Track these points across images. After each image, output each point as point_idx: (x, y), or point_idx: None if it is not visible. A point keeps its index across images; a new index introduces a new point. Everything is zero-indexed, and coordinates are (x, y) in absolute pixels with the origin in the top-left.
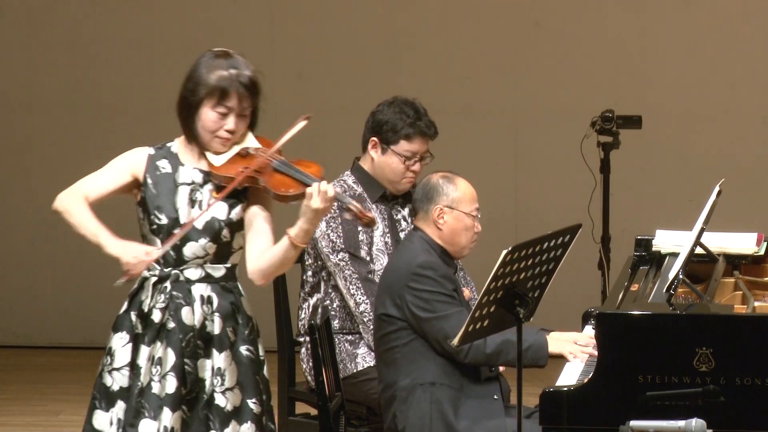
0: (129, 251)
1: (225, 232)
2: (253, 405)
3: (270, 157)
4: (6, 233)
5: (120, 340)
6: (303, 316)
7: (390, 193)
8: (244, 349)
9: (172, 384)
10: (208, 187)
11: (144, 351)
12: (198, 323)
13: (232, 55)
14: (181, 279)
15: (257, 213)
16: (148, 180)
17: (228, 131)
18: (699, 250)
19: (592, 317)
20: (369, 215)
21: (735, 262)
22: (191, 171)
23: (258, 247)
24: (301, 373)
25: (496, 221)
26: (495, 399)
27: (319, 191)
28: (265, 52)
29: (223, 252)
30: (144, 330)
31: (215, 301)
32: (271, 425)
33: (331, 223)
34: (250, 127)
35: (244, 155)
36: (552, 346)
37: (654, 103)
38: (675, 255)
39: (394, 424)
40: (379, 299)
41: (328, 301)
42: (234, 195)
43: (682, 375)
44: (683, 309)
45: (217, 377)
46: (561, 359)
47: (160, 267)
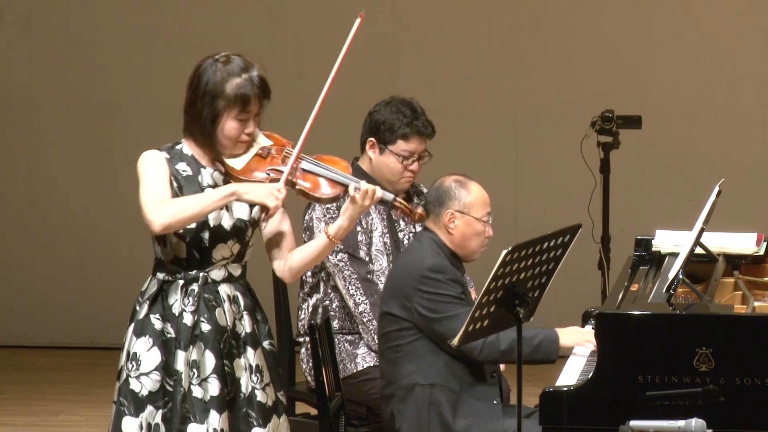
0: (266, 192)
1: (249, 231)
2: (282, 397)
3: (297, 158)
4: (6, 233)
5: (145, 344)
6: (303, 316)
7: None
8: (267, 344)
9: (215, 386)
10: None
11: (181, 356)
12: (230, 323)
13: (235, 59)
14: (209, 281)
15: (279, 213)
16: (173, 183)
17: (248, 134)
18: (699, 250)
19: (592, 317)
20: (419, 212)
21: (735, 262)
22: (212, 174)
23: (284, 246)
24: (301, 373)
25: (496, 221)
26: (494, 403)
27: (367, 192)
28: (265, 52)
29: (243, 251)
30: (176, 334)
31: (241, 301)
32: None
33: (331, 223)
34: None
35: (264, 156)
36: (564, 338)
37: (654, 103)
38: (675, 255)
39: (392, 422)
40: (385, 298)
41: (327, 302)
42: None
43: (682, 375)
44: (683, 309)
45: (256, 374)
46: (561, 358)
47: (184, 269)
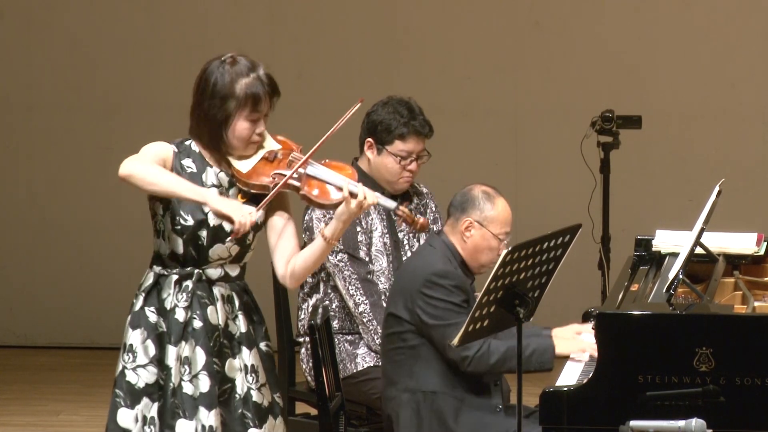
0: (237, 210)
1: (250, 235)
2: (279, 399)
3: (303, 164)
4: (6, 233)
5: (140, 336)
6: (303, 316)
7: (389, 194)
8: (263, 346)
9: (205, 383)
10: (233, 191)
11: (171, 351)
12: (222, 322)
13: (241, 59)
14: (204, 278)
15: (280, 214)
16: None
17: (259, 134)
18: (699, 250)
19: (592, 317)
20: (421, 221)
21: (735, 262)
22: (218, 173)
23: (286, 251)
24: (301, 373)
25: None
26: (498, 411)
27: (363, 197)
28: (265, 52)
29: (242, 253)
30: (168, 329)
31: (236, 301)
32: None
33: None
34: None
35: (271, 159)
36: (559, 347)
37: (654, 103)
38: (675, 255)
39: (390, 424)
40: (392, 298)
41: (327, 302)
42: (258, 198)
43: (682, 375)
44: (683, 309)
45: (252, 374)
46: (561, 359)
47: (180, 265)
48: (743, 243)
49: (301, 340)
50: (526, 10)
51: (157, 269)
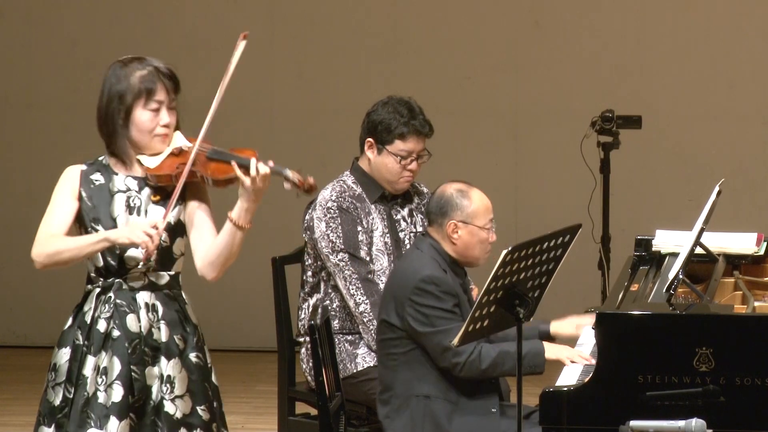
0: (135, 230)
1: (165, 236)
2: (202, 412)
3: (202, 149)
4: (6, 233)
5: (64, 355)
6: (303, 316)
7: (389, 194)
8: (193, 357)
9: (118, 393)
10: (146, 192)
11: (90, 361)
12: (144, 330)
13: (140, 57)
14: (125, 287)
15: (196, 208)
16: (83, 194)
17: (164, 126)
18: (699, 250)
19: None
20: (309, 181)
21: (735, 262)
22: (125, 179)
23: (203, 242)
24: (301, 373)
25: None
26: (492, 412)
27: (255, 169)
28: (265, 52)
29: (165, 259)
30: (88, 341)
31: (160, 309)
32: (224, 431)
33: (331, 224)
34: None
35: (177, 153)
36: (549, 351)
37: (654, 103)
38: (675, 255)
39: (384, 429)
40: (383, 304)
41: (327, 302)
42: (171, 192)
43: (682, 375)
44: (683, 309)
45: (167, 384)
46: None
47: (102, 277)
48: (743, 243)
49: (301, 340)
50: (526, 10)
51: (87, 287)
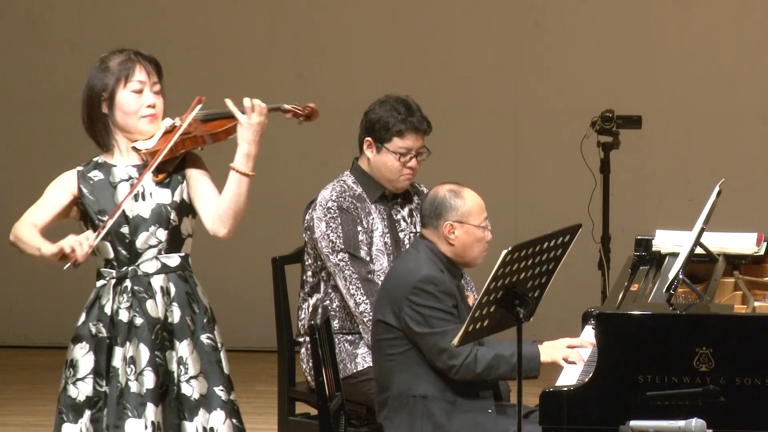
0: (67, 240)
1: (173, 215)
2: (221, 392)
3: (196, 116)
4: (6, 233)
5: (81, 350)
6: (303, 316)
7: (389, 193)
8: (204, 338)
9: (150, 379)
10: (148, 177)
11: (118, 352)
12: (162, 315)
13: (123, 48)
14: (140, 273)
15: (197, 178)
16: (84, 191)
17: (149, 106)
18: (699, 250)
19: (592, 317)
20: (309, 105)
21: (735, 262)
22: (124, 168)
23: (209, 204)
24: (301, 373)
25: (496, 221)
26: (489, 413)
27: (252, 106)
28: (265, 52)
29: (175, 239)
30: (112, 332)
31: (172, 291)
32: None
33: (331, 224)
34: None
35: (171, 130)
36: (544, 355)
37: (654, 103)
38: (675, 255)
39: (382, 429)
40: (379, 304)
41: (327, 302)
42: (171, 175)
43: (682, 375)
44: (683, 309)
45: (181, 366)
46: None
47: (115, 269)
48: (743, 243)
49: (301, 340)
50: (526, 10)
51: (98, 283)
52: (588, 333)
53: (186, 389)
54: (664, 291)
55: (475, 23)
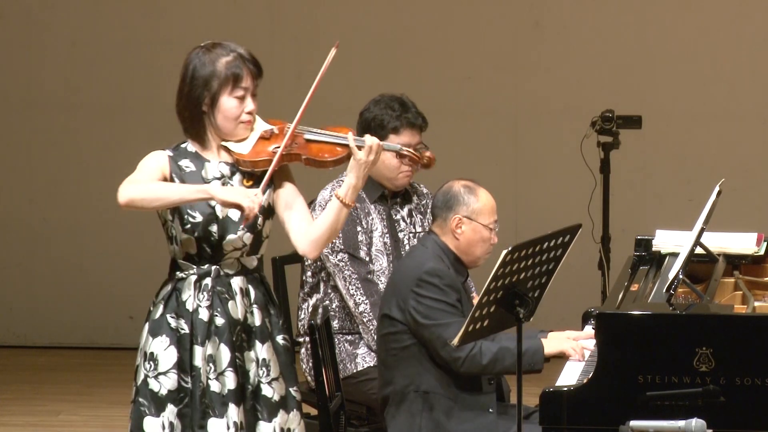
0: (243, 195)
1: (260, 220)
2: (295, 393)
3: (298, 131)
4: (6, 233)
5: (161, 343)
6: (303, 316)
7: (389, 193)
8: (280, 339)
9: (231, 380)
10: (237, 178)
11: (198, 351)
12: (242, 316)
13: (221, 43)
14: (222, 274)
15: (286, 189)
16: (175, 180)
17: (249, 113)
18: (699, 250)
19: (592, 317)
20: (427, 155)
21: (735, 262)
22: (218, 165)
23: (301, 222)
24: (301, 373)
25: None
26: (490, 412)
27: (367, 145)
28: (265, 52)
29: (257, 242)
30: (192, 330)
31: (252, 293)
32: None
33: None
34: None
35: (268, 137)
36: (549, 347)
37: (654, 103)
38: (675, 255)
39: (385, 424)
40: (386, 299)
41: (327, 302)
42: (260, 182)
43: (682, 375)
44: (683, 309)
45: (263, 368)
46: (561, 359)
47: (197, 265)
48: (743, 243)
49: (301, 340)
50: (526, 10)
51: (176, 275)
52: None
53: (267, 391)
54: (664, 291)
55: (475, 23)
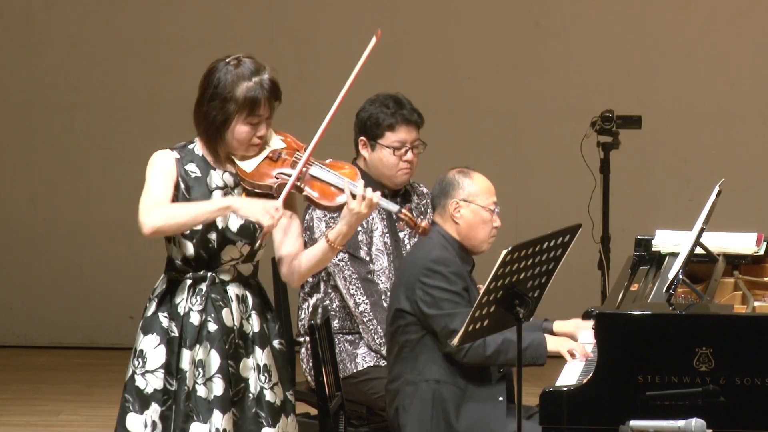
0: (263, 211)
1: (258, 233)
2: (291, 397)
3: (306, 164)
4: (6, 233)
5: (151, 341)
6: (303, 316)
7: (389, 193)
8: (276, 344)
9: (219, 386)
10: (238, 191)
11: (186, 354)
12: (237, 323)
13: (247, 62)
14: (217, 281)
15: (287, 216)
16: (180, 184)
17: (260, 137)
18: (699, 250)
19: (592, 317)
20: (423, 225)
21: (735, 262)
22: (222, 174)
23: (291, 250)
24: (301, 373)
25: None
26: (500, 401)
27: (364, 198)
28: (265, 52)
29: (254, 252)
30: (181, 333)
31: (250, 300)
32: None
33: (331, 224)
34: None
35: (275, 159)
36: (550, 344)
37: (654, 103)
38: (675, 255)
39: (396, 417)
40: (394, 294)
41: (327, 302)
42: (262, 197)
43: (682, 375)
44: (683, 309)
45: (264, 374)
46: (561, 358)
47: (192, 269)
48: (743, 243)
49: (301, 340)
50: (526, 10)
51: (171, 274)
52: (588, 333)
53: (270, 396)
54: (664, 291)
55: (475, 23)
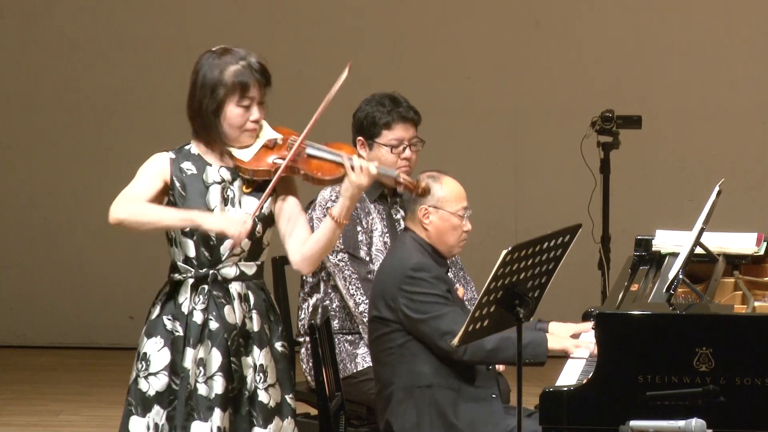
0: (230, 223)
1: (259, 227)
2: (290, 400)
3: (302, 144)
4: (6, 233)
5: (155, 344)
6: (303, 316)
7: (388, 192)
8: (278, 346)
9: (219, 384)
10: (237, 183)
11: (189, 353)
12: (239, 321)
13: (232, 49)
14: (219, 278)
15: (289, 203)
16: (175, 183)
17: (254, 121)
18: (699, 250)
19: (592, 317)
20: (422, 184)
21: (735, 262)
22: (219, 170)
23: (298, 236)
24: (301, 373)
25: (496, 221)
26: (494, 397)
27: (361, 168)
28: (265, 52)
29: (256, 249)
30: (185, 332)
31: (252, 299)
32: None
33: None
34: None
35: (271, 147)
36: (552, 342)
37: (654, 103)
38: (675, 255)
39: (389, 425)
40: (373, 302)
41: (327, 302)
42: (262, 188)
43: (682, 375)
44: (683, 309)
45: (260, 374)
46: (561, 358)
47: (194, 268)
48: (743, 243)
49: (301, 340)
50: (526, 10)
51: (174, 276)
52: (588, 333)
53: (263, 396)
54: (664, 291)
55: (475, 23)
